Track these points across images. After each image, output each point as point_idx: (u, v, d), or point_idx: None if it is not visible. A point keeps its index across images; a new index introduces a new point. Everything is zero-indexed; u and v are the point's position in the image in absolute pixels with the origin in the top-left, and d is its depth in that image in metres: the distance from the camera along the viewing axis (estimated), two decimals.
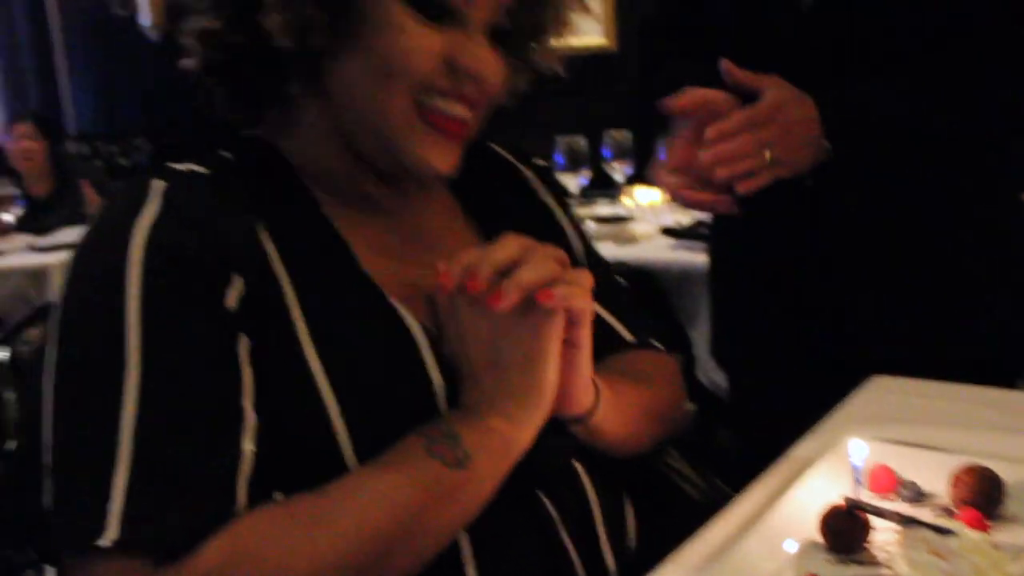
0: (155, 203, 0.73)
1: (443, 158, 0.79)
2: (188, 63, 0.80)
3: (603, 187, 2.80)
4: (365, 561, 0.69)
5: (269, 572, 0.67)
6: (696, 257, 2.16)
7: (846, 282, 1.27)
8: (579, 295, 0.74)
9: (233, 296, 0.72)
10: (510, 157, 0.99)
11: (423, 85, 0.76)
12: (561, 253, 0.75)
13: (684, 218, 2.49)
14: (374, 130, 0.78)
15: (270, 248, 0.75)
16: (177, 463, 0.67)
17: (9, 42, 5.20)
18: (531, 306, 0.72)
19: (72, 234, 3.23)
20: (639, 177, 2.77)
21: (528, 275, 0.72)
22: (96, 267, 0.73)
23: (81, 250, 0.75)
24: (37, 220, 3.46)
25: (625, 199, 2.74)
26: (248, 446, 0.69)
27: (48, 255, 3.00)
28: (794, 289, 1.31)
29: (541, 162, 1.01)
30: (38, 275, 2.91)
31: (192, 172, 0.77)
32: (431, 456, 0.72)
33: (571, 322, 0.75)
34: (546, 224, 0.96)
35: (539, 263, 0.72)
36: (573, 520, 0.82)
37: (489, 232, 0.89)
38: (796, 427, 0.95)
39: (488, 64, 0.78)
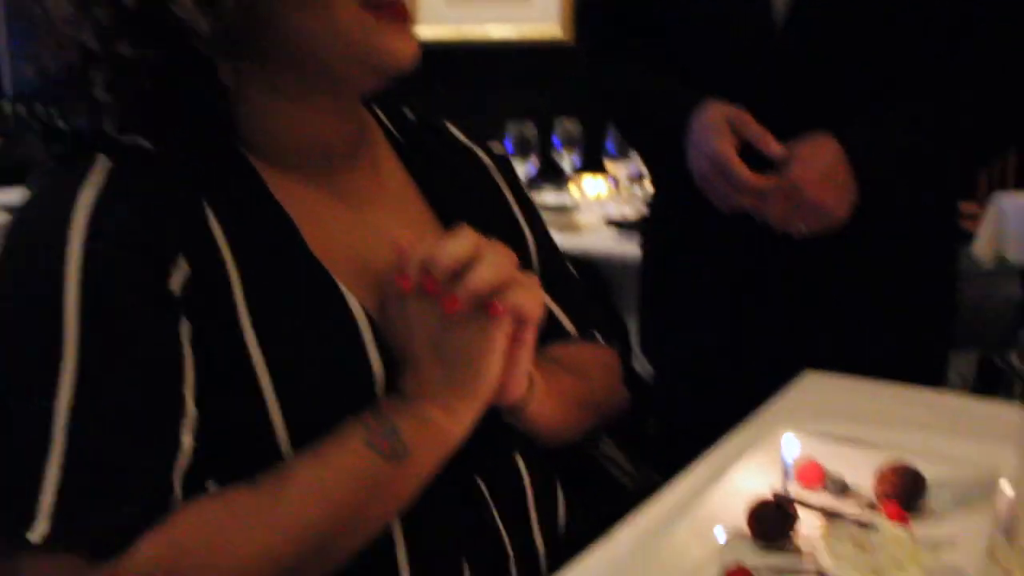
0: (98, 180, 0.70)
1: (405, 45, 0.76)
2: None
3: (551, 176, 2.80)
4: (301, 554, 0.68)
5: (204, 567, 0.66)
6: (639, 249, 2.18)
7: (784, 281, 1.29)
8: (529, 300, 0.74)
9: (177, 279, 0.69)
10: (468, 141, 0.98)
11: None
12: (513, 255, 0.74)
13: (629, 210, 2.50)
14: (338, 55, 0.74)
15: (216, 227, 0.73)
16: (113, 456, 0.65)
17: None
18: (481, 306, 0.72)
19: (7, 196, 3.12)
20: (587, 167, 2.78)
21: (480, 280, 0.71)
22: (35, 246, 0.69)
23: (18, 225, 0.71)
24: None
25: (572, 189, 2.75)
26: (187, 439, 0.67)
27: None
28: (730, 287, 1.32)
29: (499, 149, 1.00)
30: None
31: (137, 147, 0.74)
32: (369, 449, 0.71)
33: (518, 322, 0.75)
34: (500, 212, 0.95)
35: (492, 265, 0.72)
36: (506, 503, 0.82)
37: (442, 213, 0.88)
38: (726, 421, 0.97)
39: None
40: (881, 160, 1.17)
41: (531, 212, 0.98)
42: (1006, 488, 0.71)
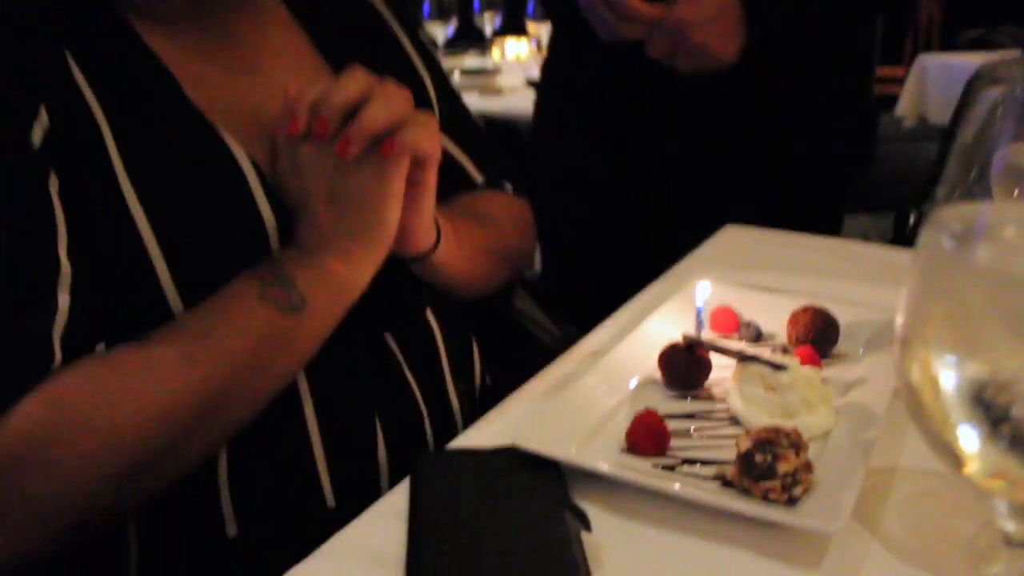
0: None
1: None
2: None
3: (471, 39, 2.71)
4: (196, 412, 0.64)
5: (92, 428, 0.61)
6: None
7: (680, 128, 1.28)
8: (426, 138, 0.70)
9: (39, 131, 0.64)
10: None
11: None
12: (407, 92, 0.70)
13: None
14: None
15: (79, 76, 0.67)
16: None
17: None
18: (376, 146, 0.68)
19: None
20: (508, 29, 2.68)
21: (374, 119, 0.67)
22: None
23: None
24: None
25: (494, 52, 2.66)
26: (64, 298, 0.63)
27: None
28: (620, 133, 1.32)
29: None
30: None
31: None
32: (264, 300, 0.67)
33: (416, 163, 0.71)
34: (395, 54, 0.89)
35: (386, 104, 0.67)
36: (418, 360, 0.80)
37: (333, 58, 0.82)
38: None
39: None
40: (771, 5, 1.15)
41: (427, 56, 0.93)
42: None
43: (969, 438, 0.42)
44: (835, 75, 1.32)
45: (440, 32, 2.52)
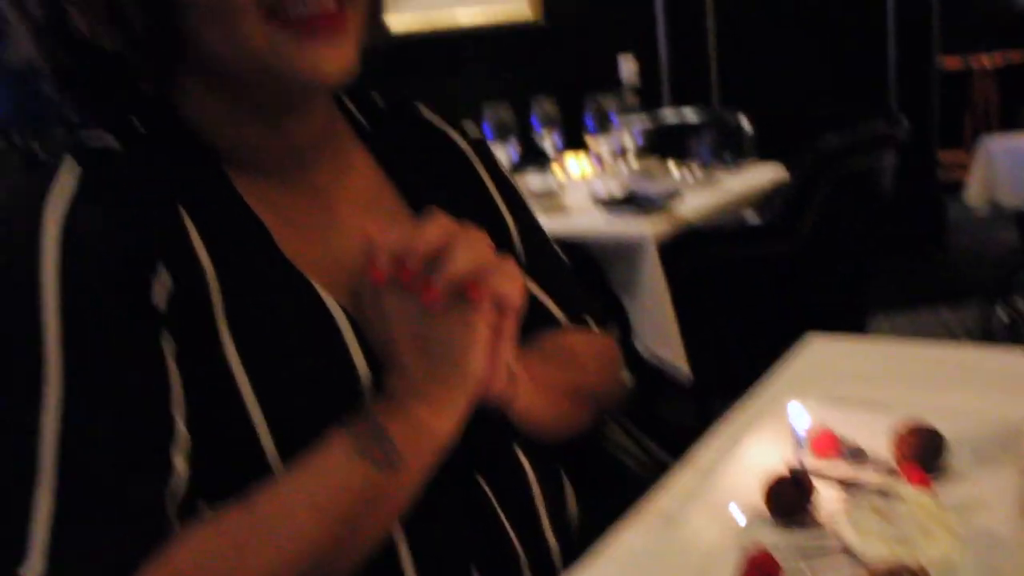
0: (68, 185, 0.66)
1: (327, 59, 0.69)
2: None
3: (533, 158, 2.76)
4: (301, 573, 0.65)
5: None
6: (629, 227, 2.15)
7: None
8: (509, 286, 0.70)
9: (159, 291, 0.66)
10: (439, 122, 0.93)
11: (264, 2, 0.67)
12: (488, 238, 0.70)
13: (615, 187, 2.47)
14: (248, 70, 0.70)
15: (194, 234, 0.69)
16: (105, 485, 0.61)
17: None
18: (461, 294, 0.68)
19: None
20: (568, 146, 2.74)
21: (457, 266, 0.67)
22: (4, 261, 0.65)
23: None
24: None
25: (556, 170, 2.71)
26: (179, 461, 0.64)
27: None
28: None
29: (474, 129, 0.96)
30: None
31: (107, 150, 0.70)
32: (360, 457, 0.67)
33: (499, 310, 0.71)
34: (477, 196, 0.90)
35: (468, 251, 0.68)
36: (511, 500, 0.79)
37: (415, 202, 0.84)
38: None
39: None
40: None
41: (511, 193, 0.93)
42: None
43: None
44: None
45: (502, 153, 2.57)
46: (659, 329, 2.15)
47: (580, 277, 1.02)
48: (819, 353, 1.08)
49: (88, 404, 0.62)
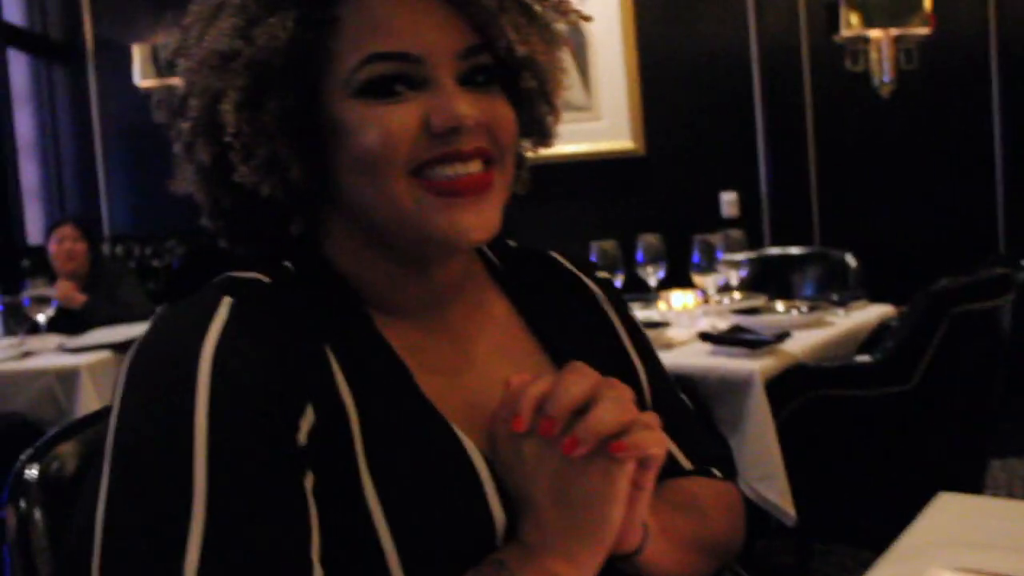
0: (222, 319, 0.69)
1: (471, 222, 0.72)
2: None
3: (637, 292, 2.78)
4: None
5: None
6: (734, 363, 2.12)
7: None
8: (654, 442, 0.70)
9: (304, 428, 0.67)
10: (574, 268, 0.94)
11: (412, 163, 0.71)
12: (632, 393, 0.71)
13: (720, 322, 2.45)
14: (393, 224, 0.73)
15: (338, 373, 0.71)
16: None
17: (54, 153, 5.35)
18: (603, 447, 0.68)
19: (103, 335, 3.23)
20: (672, 281, 2.75)
21: (603, 421, 0.68)
22: (160, 393, 0.66)
23: (141, 369, 0.69)
24: (68, 321, 3.47)
25: (660, 303, 2.72)
26: None
27: (78, 356, 2.99)
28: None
29: (605, 275, 0.98)
30: (67, 376, 2.89)
31: (257, 281, 0.74)
32: None
33: (641, 466, 0.71)
34: (610, 344, 0.91)
35: (615, 405, 0.69)
36: None
37: (548, 344, 0.85)
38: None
39: (463, 110, 0.71)
40: None
41: (640, 340, 0.94)
42: None
43: None
44: None
45: None
46: (764, 468, 2.09)
47: (701, 423, 1.01)
48: (953, 513, 1.03)
49: (230, 542, 0.62)
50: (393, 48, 0.71)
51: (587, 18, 0.81)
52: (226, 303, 0.70)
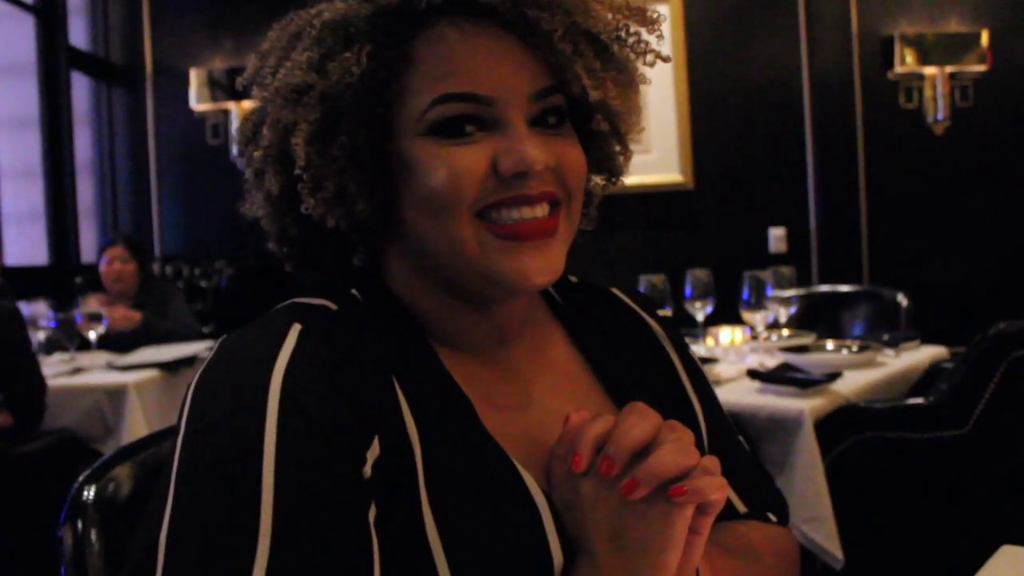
0: (291, 346, 0.68)
1: (535, 266, 0.72)
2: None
3: (684, 327, 2.75)
4: None
5: None
6: (782, 401, 2.09)
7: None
8: (715, 488, 0.69)
9: (371, 461, 0.67)
10: (634, 304, 0.94)
11: (478, 205, 0.71)
12: (692, 436, 0.70)
13: (768, 359, 2.42)
14: (457, 264, 0.73)
15: (404, 407, 0.70)
16: None
17: (110, 173, 5.47)
18: (662, 491, 0.67)
19: (151, 354, 3.27)
20: (720, 316, 2.72)
21: (665, 464, 0.67)
22: (228, 418, 0.65)
23: (210, 392, 0.68)
24: (118, 339, 3.53)
25: (707, 339, 2.69)
26: None
27: (127, 374, 3.03)
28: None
29: (666, 313, 0.97)
30: (116, 394, 2.92)
31: (325, 308, 0.74)
32: None
33: (700, 511, 0.70)
34: (670, 382, 0.90)
35: (677, 449, 0.68)
36: None
37: (608, 381, 0.85)
38: None
39: (532, 154, 0.70)
40: None
41: (700, 380, 0.93)
42: None
43: None
44: None
45: None
46: (812, 510, 2.05)
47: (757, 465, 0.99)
48: (1019, 571, 1.00)
49: (294, 572, 0.62)
50: (465, 88, 0.71)
51: (666, 59, 0.80)
52: (295, 329, 0.70)
